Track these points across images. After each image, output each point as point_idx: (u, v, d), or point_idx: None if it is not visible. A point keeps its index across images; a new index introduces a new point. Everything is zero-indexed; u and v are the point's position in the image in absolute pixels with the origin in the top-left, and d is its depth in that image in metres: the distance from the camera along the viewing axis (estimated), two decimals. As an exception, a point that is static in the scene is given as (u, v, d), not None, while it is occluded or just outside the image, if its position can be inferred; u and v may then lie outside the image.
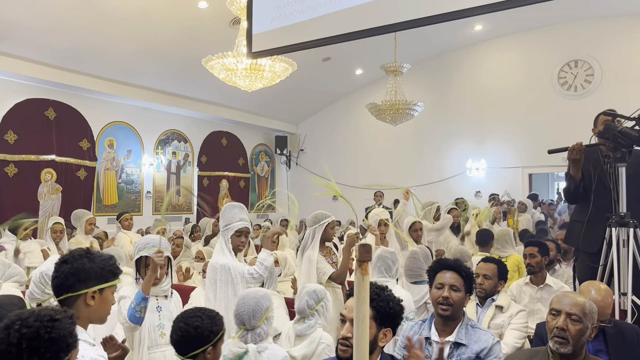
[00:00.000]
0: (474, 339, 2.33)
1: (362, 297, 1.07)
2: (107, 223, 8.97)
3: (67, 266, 1.82)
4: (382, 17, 3.23)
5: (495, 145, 10.69)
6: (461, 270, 2.46)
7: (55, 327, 1.40)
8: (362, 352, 1.06)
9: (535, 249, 3.82)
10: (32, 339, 1.35)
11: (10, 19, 6.73)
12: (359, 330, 1.07)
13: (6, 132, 7.88)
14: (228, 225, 3.34)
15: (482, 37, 10.62)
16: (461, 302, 2.40)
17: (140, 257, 2.83)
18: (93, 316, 1.86)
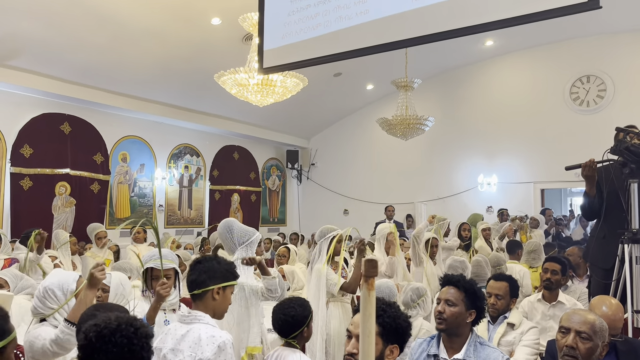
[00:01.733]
0: (482, 356, 2.30)
1: (368, 312, 1.07)
2: (119, 236, 9.03)
3: (201, 265, 2.31)
4: (393, 33, 3.26)
5: (507, 161, 10.64)
6: (460, 285, 2.43)
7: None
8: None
9: (559, 266, 3.75)
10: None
11: (28, 35, 6.89)
12: (364, 346, 1.07)
13: (22, 146, 8.01)
14: (250, 239, 3.35)
15: (493, 52, 10.63)
16: (457, 317, 2.36)
17: (147, 269, 2.86)
18: (216, 309, 2.30)
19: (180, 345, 2.16)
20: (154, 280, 2.81)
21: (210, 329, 2.19)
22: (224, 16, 7.28)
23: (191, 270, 2.32)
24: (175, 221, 10.59)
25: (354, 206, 12.53)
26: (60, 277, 2.46)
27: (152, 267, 2.83)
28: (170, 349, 2.19)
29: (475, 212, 9.44)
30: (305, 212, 13.56)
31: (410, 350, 2.54)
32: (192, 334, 2.17)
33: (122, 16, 6.94)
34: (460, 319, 2.37)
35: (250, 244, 3.38)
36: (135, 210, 9.79)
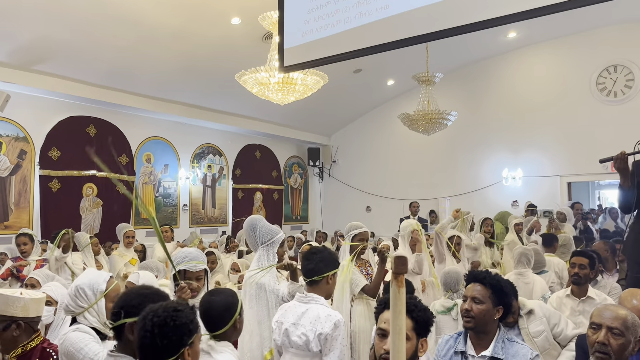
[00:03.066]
0: (511, 352, 2.27)
1: (399, 309, 1.07)
2: (145, 236, 9.17)
3: (316, 256, 2.77)
4: (413, 28, 3.23)
5: (532, 154, 10.47)
6: (486, 282, 2.41)
7: (178, 316, 1.73)
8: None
9: (587, 260, 3.70)
10: (161, 326, 1.70)
11: (55, 40, 7.03)
12: (395, 343, 1.06)
13: (50, 149, 8.19)
14: (272, 239, 3.36)
15: (517, 44, 10.46)
16: (485, 314, 2.34)
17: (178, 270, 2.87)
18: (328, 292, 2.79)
19: (301, 321, 2.65)
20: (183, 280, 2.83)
21: (327, 309, 2.66)
22: (244, 15, 7.32)
23: (308, 259, 2.79)
24: (200, 220, 10.70)
25: (377, 203, 12.49)
26: (92, 276, 2.50)
27: (183, 269, 2.85)
28: (292, 324, 2.67)
29: (500, 206, 9.34)
30: (328, 209, 13.56)
31: (437, 347, 2.53)
32: (311, 312, 2.65)
33: (144, 19, 7.03)
34: (487, 316, 2.34)
35: (272, 243, 3.40)
36: (160, 210, 9.93)
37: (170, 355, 1.71)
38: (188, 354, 1.74)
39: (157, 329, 1.70)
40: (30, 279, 3.73)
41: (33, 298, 2.30)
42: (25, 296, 2.28)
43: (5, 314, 2.26)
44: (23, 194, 7.91)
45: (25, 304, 2.27)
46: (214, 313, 2.27)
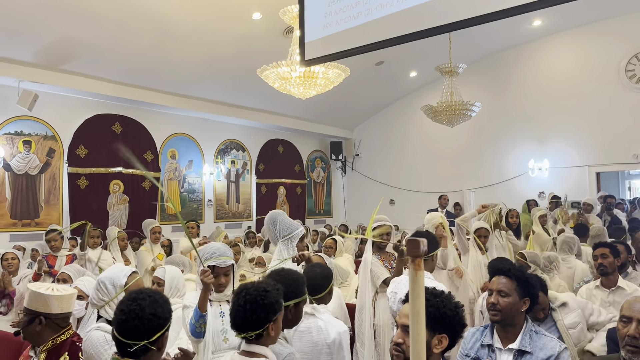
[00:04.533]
0: (538, 345, 2.24)
1: (417, 292, 1.06)
2: (171, 231, 9.30)
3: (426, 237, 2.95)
4: (436, 18, 3.18)
5: (558, 144, 10.26)
6: (511, 274, 2.37)
7: (267, 296, 2.01)
8: (419, 349, 1.05)
9: (607, 249, 3.68)
10: (252, 303, 1.99)
11: (80, 40, 7.15)
12: (415, 327, 1.06)
13: (77, 147, 8.36)
14: (291, 234, 3.38)
15: (542, 32, 10.24)
16: (511, 307, 2.31)
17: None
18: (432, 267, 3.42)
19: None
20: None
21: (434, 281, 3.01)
22: (264, 10, 7.33)
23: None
24: (224, 215, 10.81)
25: (400, 196, 12.42)
26: (114, 271, 2.55)
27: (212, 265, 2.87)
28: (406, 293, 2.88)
29: (526, 198, 9.17)
30: (351, 203, 13.54)
31: (463, 340, 2.50)
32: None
33: (166, 16, 7.10)
34: (514, 308, 2.31)
35: (291, 238, 3.41)
36: (186, 206, 10.06)
37: (257, 328, 2.02)
38: (272, 329, 2.05)
39: (248, 305, 2.01)
40: (62, 274, 3.81)
41: (56, 295, 2.34)
42: (49, 293, 2.33)
43: (31, 307, 2.32)
44: (52, 191, 8.10)
45: (47, 300, 2.31)
46: (315, 281, 2.80)
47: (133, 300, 1.88)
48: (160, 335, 1.89)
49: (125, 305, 1.88)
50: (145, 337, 1.84)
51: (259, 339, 2.06)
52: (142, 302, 1.87)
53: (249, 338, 2.05)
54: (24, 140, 7.81)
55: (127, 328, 1.84)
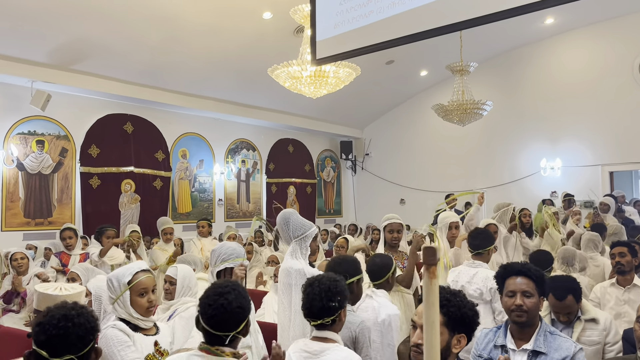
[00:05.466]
0: (553, 346, 2.21)
1: (431, 301, 1.04)
2: (182, 230, 9.34)
3: (481, 235, 3.85)
4: (447, 16, 3.17)
5: (571, 143, 10.17)
6: (531, 273, 2.34)
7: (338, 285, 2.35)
8: (433, 357, 1.04)
9: (625, 248, 3.67)
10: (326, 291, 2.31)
11: (92, 40, 7.20)
12: (429, 336, 1.04)
13: (89, 146, 8.42)
14: (305, 233, 3.38)
15: (554, 30, 10.15)
16: (536, 307, 2.29)
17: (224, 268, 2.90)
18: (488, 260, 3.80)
19: (474, 279, 3.62)
20: (229, 277, 2.87)
21: (490, 272, 3.52)
22: (275, 10, 7.33)
23: (474, 237, 3.84)
24: (235, 215, 10.83)
25: (411, 195, 12.37)
26: (123, 269, 2.56)
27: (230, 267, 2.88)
28: (467, 282, 3.61)
29: (538, 197, 9.11)
30: (361, 202, 13.52)
31: (476, 341, 2.48)
32: (480, 274, 3.62)
33: (177, 16, 7.13)
34: (537, 307, 2.30)
35: (304, 237, 3.41)
36: (196, 205, 10.10)
37: (332, 315, 2.29)
38: (343, 315, 2.37)
39: (323, 293, 2.29)
40: (71, 273, 3.85)
41: (65, 294, 2.36)
42: (57, 293, 2.34)
43: (41, 309, 2.34)
44: (65, 190, 8.17)
45: (55, 300, 2.33)
46: (375, 268, 3.24)
47: (220, 295, 1.97)
48: (245, 324, 2.02)
49: (212, 300, 1.97)
50: (234, 328, 1.97)
51: (332, 325, 2.32)
52: (228, 297, 1.97)
53: (325, 324, 2.29)
54: (37, 140, 7.89)
55: (217, 322, 1.95)
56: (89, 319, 1.76)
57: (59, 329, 1.67)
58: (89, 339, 1.73)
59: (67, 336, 1.67)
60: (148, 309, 2.41)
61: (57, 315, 1.69)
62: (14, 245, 6.04)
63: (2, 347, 3.68)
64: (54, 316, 1.70)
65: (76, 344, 1.70)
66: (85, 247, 5.89)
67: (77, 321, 1.71)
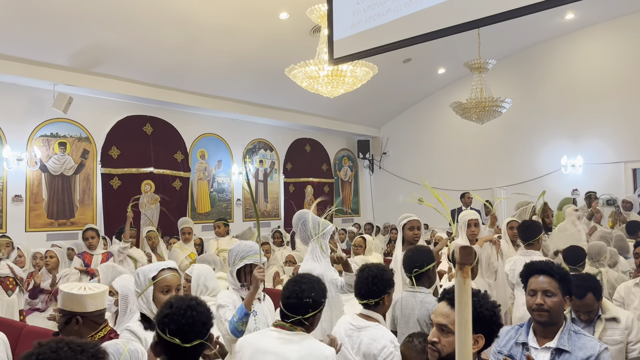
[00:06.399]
0: (578, 345, 2.18)
1: (464, 301, 1.05)
2: (201, 230, 9.42)
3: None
4: (465, 14, 3.15)
5: (592, 140, 10.01)
6: (554, 272, 2.31)
7: (385, 273, 2.75)
8: (465, 357, 1.04)
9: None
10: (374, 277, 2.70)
11: (112, 43, 7.31)
12: (461, 335, 1.04)
13: (110, 147, 8.54)
14: (322, 232, 3.39)
15: (575, 25, 10.00)
16: (558, 306, 2.25)
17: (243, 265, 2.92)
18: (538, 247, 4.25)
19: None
20: (249, 274, 2.89)
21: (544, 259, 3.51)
22: (292, 10, 7.35)
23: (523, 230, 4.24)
24: (253, 214, 10.89)
25: (429, 194, 12.27)
26: (152, 264, 2.60)
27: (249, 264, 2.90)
28: None
29: (559, 195, 8.99)
30: (379, 201, 13.48)
31: (497, 338, 2.46)
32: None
33: (195, 17, 7.19)
34: (560, 308, 2.26)
35: (323, 236, 3.42)
36: (215, 205, 10.18)
37: (375, 297, 2.66)
38: (387, 300, 2.73)
39: (370, 278, 2.67)
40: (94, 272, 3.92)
41: (90, 294, 2.39)
42: (82, 292, 2.38)
43: (66, 308, 2.38)
44: (87, 191, 8.30)
45: (81, 300, 2.36)
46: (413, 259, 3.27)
47: (295, 283, 2.37)
48: (312, 315, 2.33)
49: (290, 284, 2.38)
50: (301, 314, 2.30)
51: (377, 307, 2.69)
52: (302, 286, 2.33)
53: (369, 304, 2.68)
54: (60, 142, 8.03)
55: (288, 304, 2.33)
56: (205, 307, 1.96)
57: (187, 318, 1.87)
58: (210, 325, 1.94)
59: (194, 324, 1.87)
60: None
61: (183, 306, 1.89)
62: (38, 246, 6.16)
63: (28, 346, 3.76)
64: (180, 307, 1.89)
65: (202, 330, 1.90)
66: (106, 247, 5.98)
67: (199, 309, 1.91)
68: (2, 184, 7.37)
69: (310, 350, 2.26)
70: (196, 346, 1.87)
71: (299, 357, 2.24)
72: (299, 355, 2.24)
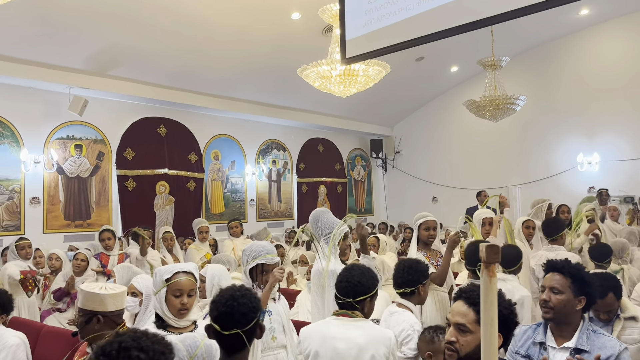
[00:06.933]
0: (597, 345, 2.15)
1: (490, 299, 1.04)
2: (215, 231, 9.47)
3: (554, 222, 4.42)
4: (478, 11, 3.12)
5: (609, 137, 9.88)
6: (565, 270, 2.27)
7: (419, 264, 3.01)
8: (491, 356, 1.03)
9: None
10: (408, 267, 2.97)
11: (126, 46, 7.38)
12: (486, 334, 1.04)
13: (125, 149, 8.62)
14: (333, 232, 3.40)
15: (589, 21, 9.88)
16: (564, 305, 2.22)
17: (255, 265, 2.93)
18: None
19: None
20: (261, 274, 2.90)
21: (569, 253, 4.04)
22: (304, 10, 7.36)
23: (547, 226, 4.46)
24: (267, 215, 10.93)
25: (443, 193, 12.23)
26: (168, 266, 2.62)
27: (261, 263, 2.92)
28: None
29: (575, 193, 8.90)
30: (392, 201, 13.44)
31: (514, 338, 2.44)
32: (560, 255, 3.54)
33: (207, 20, 7.23)
34: (568, 307, 2.22)
35: (333, 236, 3.44)
36: (229, 206, 10.23)
37: (410, 287, 2.91)
38: (421, 291, 2.94)
39: (406, 269, 2.93)
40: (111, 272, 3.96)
41: (111, 293, 2.42)
42: (103, 292, 2.40)
43: (87, 308, 2.41)
44: (103, 193, 8.39)
45: (102, 299, 2.39)
46: (508, 258, 3.47)
47: (347, 270, 2.57)
48: (363, 299, 2.48)
49: (343, 271, 2.57)
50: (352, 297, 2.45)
51: (412, 296, 2.90)
52: (353, 272, 2.51)
53: (405, 293, 2.90)
54: (76, 144, 8.12)
55: (340, 288, 2.50)
56: (251, 299, 1.98)
57: (226, 307, 1.93)
58: (252, 317, 1.95)
59: (232, 314, 1.92)
60: (180, 310, 2.42)
61: (226, 295, 1.97)
62: (55, 247, 6.23)
63: (46, 346, 3.82)
64: (223, 296, 1.97)
65: (240, 321, 1.93)
66: (122, 248, 6.04)
67: (241, 301, 1.95)
68: (20, 186, 7.48)
69: (375, 333, 2.44)
70: (237, 335, 1.92)
71: (367, 341, 2.38)
72: (366, 339, 2.39)
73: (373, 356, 2.37)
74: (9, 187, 7.38)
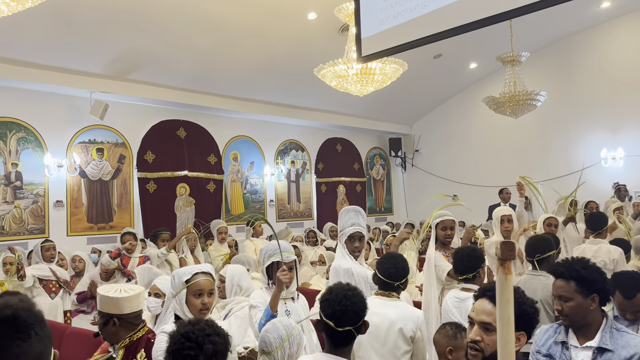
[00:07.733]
0: (620, 343, 2.10)
1: (506, 297, 1.02)
2: (236, 231, 9.53)
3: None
4: (496, 5, 3.07)
5: (633, 131, 9.66)
6: (566, 275, 2.22)
7: (476, 250, 3.23)
8: (508, 355, 1.01)
9: None
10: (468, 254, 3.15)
11: (145, 50, 7.47)
12: (504, 332, 1.02)
13: (145, 152, 8.73)
14: (342, 231, 3.42)
15: (611, 14, 9.68)
16: (577, 310, 2.17)
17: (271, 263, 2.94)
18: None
19: (597, 254, 4.20)
20: (273, 272, 2.90)
21: (611, 246, 4.27)
22: (320, 10, 7.36)
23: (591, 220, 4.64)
24: (286, 215, 10.95)
25: (463, 191, 12.08)
26: (186, 267, 2.64)
27: (276, 261, 2.92)
28: (592, 256, 3.93)
29: (599, 190, 8.72)
30: (412, 199, 13.35)
31: (535, 337, 2.39)
32: (602, 248, 4.27)
33: (223, 22, 7.28)
34: (581, 310, 2.17)
35: (341, 237, 3.46)
36: (249, 206, 10.28)
37: (471, 272, 3.11)
38: (482, 274, 3.14)
39: (466, 256, 3.12)
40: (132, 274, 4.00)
41: (125, 297, 2.43)
42: (117, 295, 2.42)
43: (103, 310, 2.44)
44: (124, 195, 8.51)
45: (117, 302, 2.41)
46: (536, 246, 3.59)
47: (390, 258, 2.93)
48: (404, 281, 2.91)
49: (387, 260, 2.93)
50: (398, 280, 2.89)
51: (474, 280, 3.11)
52: (397, 259, 2.91)
53: (468, 278, 3.10)
54: (97, 148, 8.25)
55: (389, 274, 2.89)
56: (361, 298, 2.17)
57: (341, 305, 2.10)
58: (362, 315, 2.15)
59: (346, 312, 2.10)
60: (201, 310, 2.44)
61: (340, 294, 2.14)
62: (79, 250, 6.34)
63: (70, 346, 3.88)
64: (337, 295, 2.14)
65: (353, 318, 2.11)
66: (143, 250, 6.11)
67: (354, 300, 2.13)
68: (44, 190, 7.62)
69: (405, 311, 2.83)
70: (348, 331, 2.10)
71: (397, 317, 2.78)
72: (397, 315, 2.79)
73: (401, 329, 2.75)
74: (33, 190, 7.53)
